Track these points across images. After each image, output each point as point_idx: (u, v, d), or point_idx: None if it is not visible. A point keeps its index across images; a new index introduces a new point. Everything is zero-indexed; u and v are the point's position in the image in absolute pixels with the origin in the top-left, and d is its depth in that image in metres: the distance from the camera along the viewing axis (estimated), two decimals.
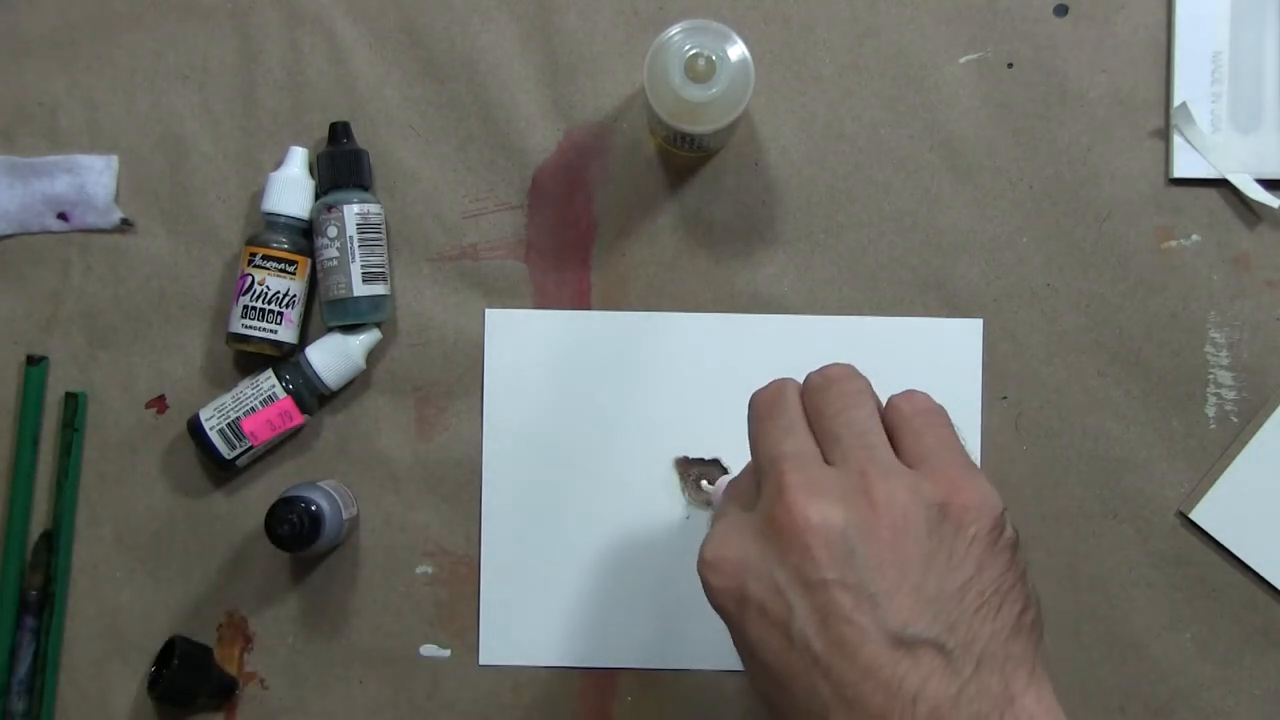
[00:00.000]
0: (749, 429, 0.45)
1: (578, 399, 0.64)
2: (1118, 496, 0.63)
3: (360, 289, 0.62)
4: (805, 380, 0.45)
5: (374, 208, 0.63)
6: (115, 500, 0.65)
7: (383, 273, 0.63)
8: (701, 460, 0.64)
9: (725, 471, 0.64)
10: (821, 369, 0.45)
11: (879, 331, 0.64)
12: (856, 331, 0.64)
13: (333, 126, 0.64)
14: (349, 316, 0.63)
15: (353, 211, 0.62)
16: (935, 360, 0.63)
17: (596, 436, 0.64)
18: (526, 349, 0.64)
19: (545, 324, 0.64)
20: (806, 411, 0.44)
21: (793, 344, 0.64)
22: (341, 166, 0.63)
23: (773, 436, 0.43)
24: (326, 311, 0.63)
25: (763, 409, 0.45)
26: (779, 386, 0.45)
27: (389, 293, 0.64)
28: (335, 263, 0.62)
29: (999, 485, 0.63)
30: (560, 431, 0.64)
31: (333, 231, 0.62)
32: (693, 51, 0.56)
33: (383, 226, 0.64)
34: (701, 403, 0.64)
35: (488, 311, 0.64)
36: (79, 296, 0.66)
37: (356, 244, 0.62)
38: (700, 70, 0.56)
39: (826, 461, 0.42)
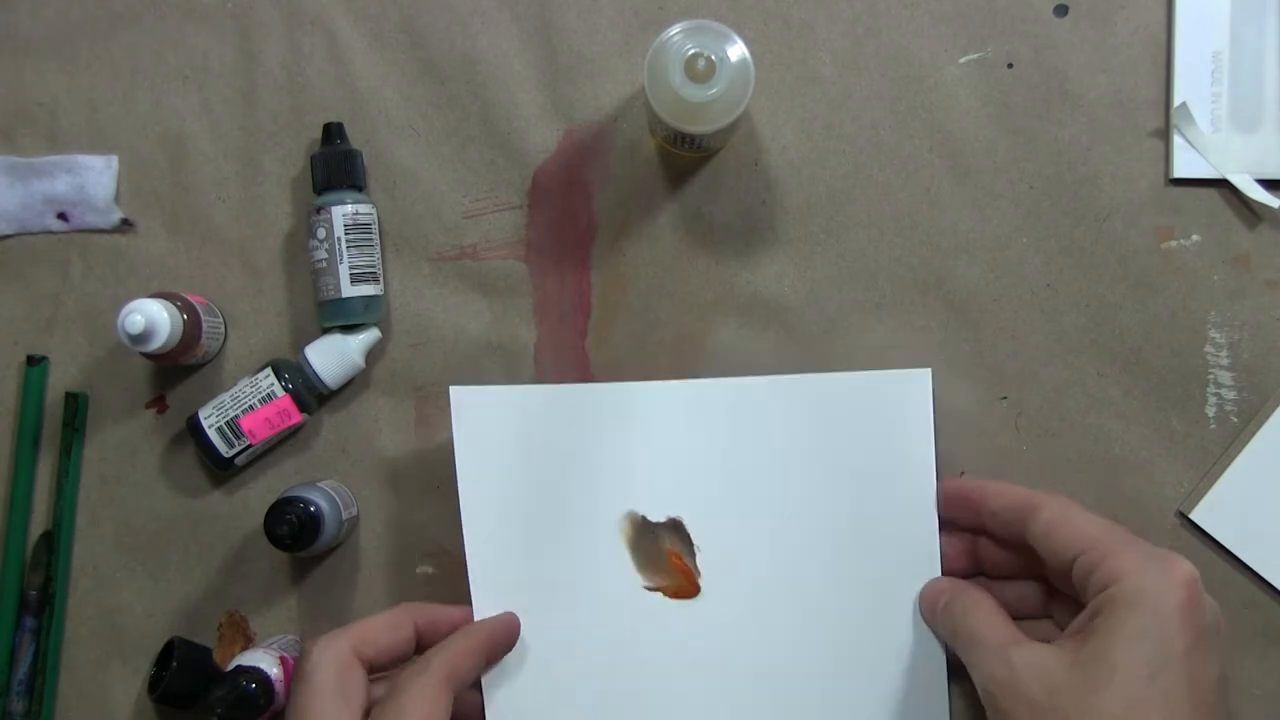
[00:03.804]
0: None
1: (549, 471, 0.62)
2: (1118, 496, 0.63)
3: (349, 290, 0.62)
4: None
5: (365, 208, 0.63)
6: (115, 500, 0.65)
7: (374, 273, 0.63)
8: (660, 523, 0.62)
9: (686, 535, 0.62)
10: None
11: (824, 388, 0.61)
12: (806, 390, 0.61)
13: (326, 127, 0.64)
14: (340, 317, 0.63)
15: (340, 213, 0.62)
16: (885, 414, 0.61)
17: (571, 509, 0.62)
18: (495, 424, 0.62)
19: (510, 399, 0.62)
20: None
21: (748, 408, 0.62)
22: (334, 167, 0.63)
23: None
24: (320, 313, 0.64)
25: None
26: None
27: (381, 293, 0.64)
28: (325, 264, 0.62)
29: None
30: (535, 506, 0.62)
31: (321, 233, 0.62)
32: (693, 51, 0.56)
33: (374, 227, 0.64)
34: (659, 468, 0.62)
35: (452, 389, 0.62)
36: (79, 296, 0.66)
37: (345, 245, 0.62)
38: (700, 70, 0.56)
39: None
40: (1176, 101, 0.63)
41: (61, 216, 0.66)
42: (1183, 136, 0.63)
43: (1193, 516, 0.62)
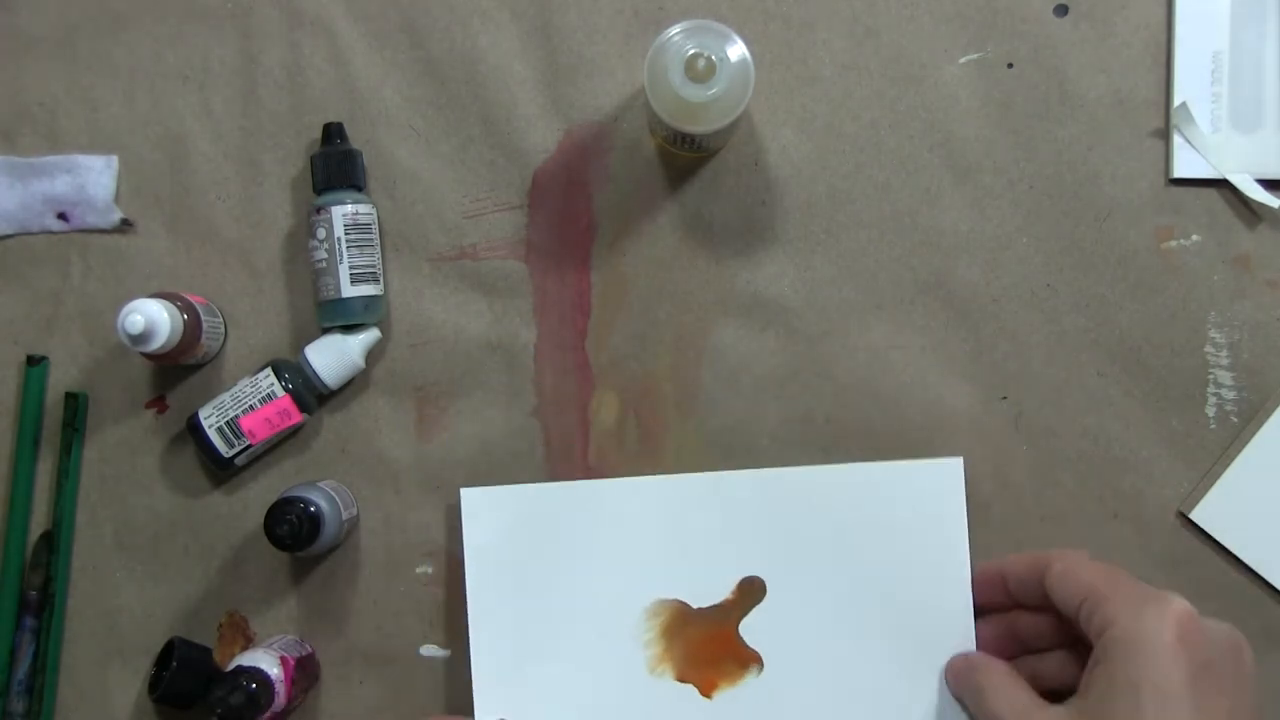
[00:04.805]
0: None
1: (565, 569, 0.62)
2: (1118, 496, 0.63)
3: (349, 290, 0.62)
4: None
5: (365, 208, 0.63)
6: (115, 500, 0.65)
7: (374, 273, 0.63)
8: (703, 609, 0.62)
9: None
10: None
11: (854, 480, 0.61)
12: (832, 481, 0.61)
13: (326, 127, 0.64)
14: (340, 317, 0.63)
15: (340, 213, 0.62)
16: (917, 505, 0.61)
17: (583, 606, 0.62)
18: (508, 524, 0.62)
19: (525, 498, 0.62)
20: None
21: (776, 499, 0.61)
22: (334, 167, 0.63)
23: None
24: (319, 313, 0.64)
25: None
26: None
27: (381, 293, 0.64)
28: (324, 264, 0.62)
29: (999, 485, 0.63)
30: (550, 608, 0.62)
31: (321, 233, 0.62)
32: (693, 51, 0.56)
33: (374, 227, 0.64)
34: (683, 560, 0.62)
35: (464, 491, 0.62)
36: (79, 296, 0.66)
37: (345, 245, 0.62)
38: (700, 70, 0.56)
39: None
40: (1176, 101, 0.63)
41: (61, 216, 0.66)
42: (1183, 136, 0.63)
43: (1193, 516, 0.62)
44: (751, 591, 0.61)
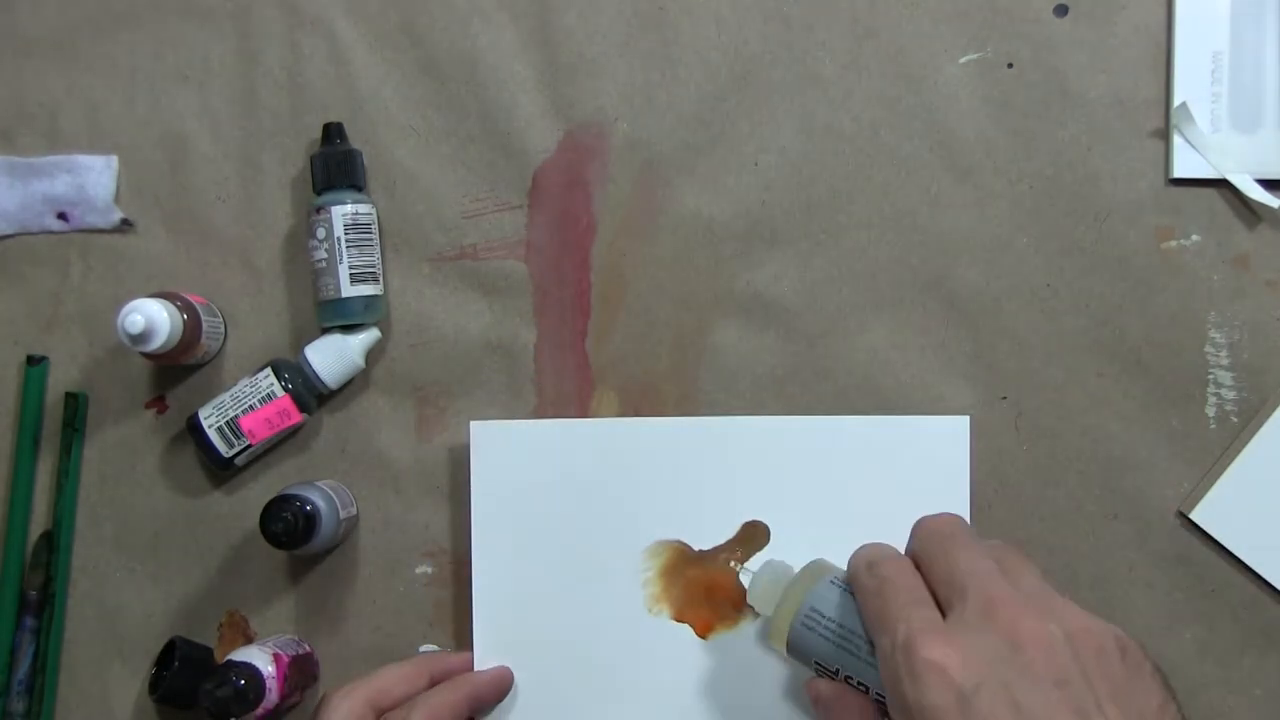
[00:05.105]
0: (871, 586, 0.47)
1: (569, 507, 0.62)
2: (1118, 496, 0.63)
3: (349, 290, 0.62)
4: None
5: (364, 208, 0.63)
6: (115, 500, 0.65)
7: (374, 273, 0.63)
8: (705, 552, 0.62)
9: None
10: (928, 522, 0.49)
11: (862, 432, 0.61)
12: (840, 432, 0.61)
13: (326, 127, 0.64)
14: (339, 317, 0.63)
15: (340, 213, 0.62)
16: (921, 460, 0.61)
17: (585, 542, 0.62)
18: (513, 459, 0.62)
19: (533, 433, 0.62)
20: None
21: (781, 447, 0.62)
22: (334, 167, 0.63)
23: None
24: (319, 313, 0.64)
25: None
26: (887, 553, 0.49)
27: (381, 293, 0.64)
28: (324, 264, 0.62)
29: (999, 485, 0.63)
30: (553, 545, 0.62)
31: (321, 233, 0.62)
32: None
33: (374, 227, 0.64)
34: (686, 502, 0.62)
35: (472, 424, 0.62)
36: (79, 296, 0.66)
37: (344, 245, 0.62)
38: None
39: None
40: (1176, 101, 0.63)
41: (61, 216, 0.66)
42: (1183, 136, 0.63)
43: (1193, 516, 0.62)
44: (753, 536, 0.62)
